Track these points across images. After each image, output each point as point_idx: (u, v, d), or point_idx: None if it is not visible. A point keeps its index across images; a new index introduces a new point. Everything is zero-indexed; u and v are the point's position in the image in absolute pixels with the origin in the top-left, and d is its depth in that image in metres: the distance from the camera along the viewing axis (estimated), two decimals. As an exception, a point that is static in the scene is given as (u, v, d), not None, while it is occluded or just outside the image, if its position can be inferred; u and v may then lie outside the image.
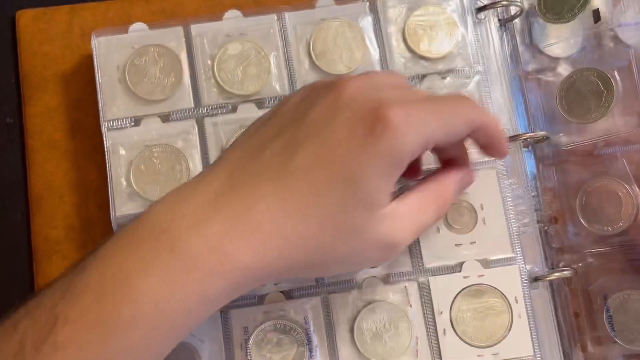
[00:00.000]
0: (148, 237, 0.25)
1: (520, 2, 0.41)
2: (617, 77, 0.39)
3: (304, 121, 0.27)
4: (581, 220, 0.39)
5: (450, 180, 0.33)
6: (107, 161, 0.39)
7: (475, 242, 0.39)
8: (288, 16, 0.41)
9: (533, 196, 0.40)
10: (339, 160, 0.26)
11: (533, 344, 0.38)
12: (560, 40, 0.41)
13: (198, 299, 0.25)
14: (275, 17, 0.41)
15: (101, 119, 0.39)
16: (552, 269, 0.40)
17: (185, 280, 0.25)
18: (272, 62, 0.40)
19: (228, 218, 0.25)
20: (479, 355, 0.38)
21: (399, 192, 0.31)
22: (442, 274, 0.39)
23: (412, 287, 0.38)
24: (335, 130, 0.26)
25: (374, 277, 0.39)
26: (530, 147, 0.41)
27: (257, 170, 0.26)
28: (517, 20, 0.42)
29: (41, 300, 0.25)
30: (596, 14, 0.40)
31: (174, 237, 0.25)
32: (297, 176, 0.26)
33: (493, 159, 0.38)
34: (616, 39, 0.40)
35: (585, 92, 0.39)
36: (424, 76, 0.41)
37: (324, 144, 0.26)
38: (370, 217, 0.27)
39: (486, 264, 0.39)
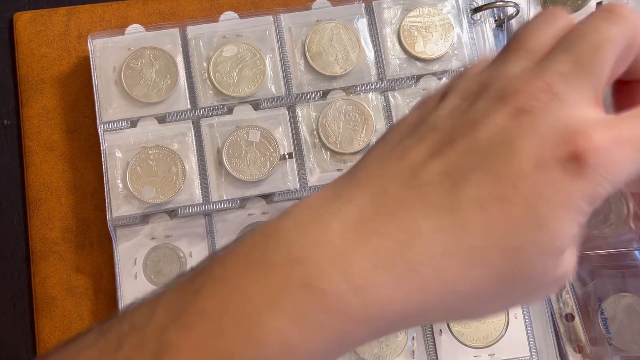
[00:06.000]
0: (277, 263, 0.21)
1: (513, 3, 0.41)
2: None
3: (470, 142, 0.22)
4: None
5: None
6: (103, 163, 0.39)
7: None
8: (284, 17, 0.41)
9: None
10: (522, 198, 0.21)
11: (529, 344, 0.38)
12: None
13: (330, 345, 0.22)
14: (271, 19, 0.41)
15: (98, 121, 0.39)
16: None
17: (319, 322, 0.21)
18: (267, 64, 0.40)
19: (377, 255, 0.21)
20: (475, 356, 0.38)
21: None
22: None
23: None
24: (516, 159, 0.21)
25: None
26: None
27: (409, 198, 0.22)
28: (512, 21, 0.42)
29: (149, 317, 0.22)
30: (599, 5, 0.40)
31: (310, 270, 0.21)
32: (466, 213, 0.21)
33: None
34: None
35: None
36: (419, 77, 0.41)
37: (502, 176, 0.21)
38: (549, 265, 0.22)
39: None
